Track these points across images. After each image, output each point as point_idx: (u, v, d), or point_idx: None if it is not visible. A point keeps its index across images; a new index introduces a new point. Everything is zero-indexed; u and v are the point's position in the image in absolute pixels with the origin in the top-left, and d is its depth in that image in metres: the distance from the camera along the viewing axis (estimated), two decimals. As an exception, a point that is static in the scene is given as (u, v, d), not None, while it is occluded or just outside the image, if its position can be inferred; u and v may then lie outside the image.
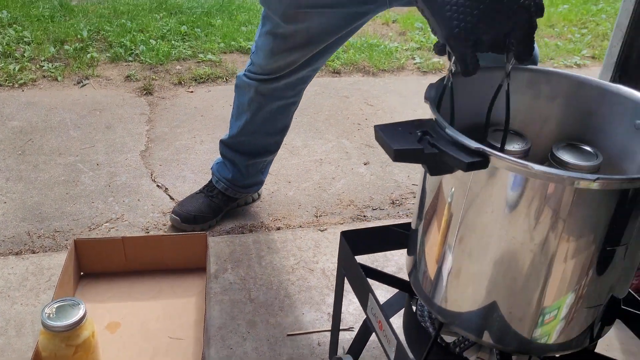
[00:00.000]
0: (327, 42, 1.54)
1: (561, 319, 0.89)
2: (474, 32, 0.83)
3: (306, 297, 1.59)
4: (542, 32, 4.19)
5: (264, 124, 1.76)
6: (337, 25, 1.49)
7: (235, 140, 1.81)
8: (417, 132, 0.84)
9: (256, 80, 1.66)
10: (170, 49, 3.32)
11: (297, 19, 1.47)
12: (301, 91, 1.75)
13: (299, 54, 1.55)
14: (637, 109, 0.97)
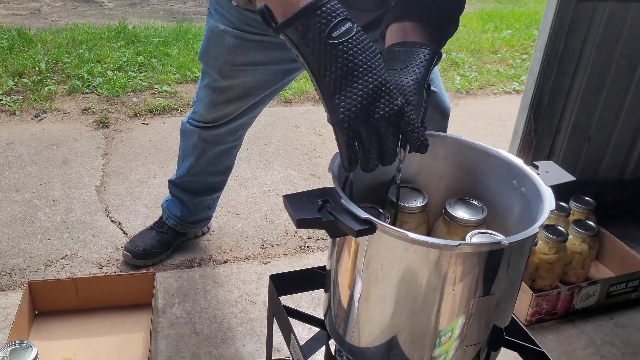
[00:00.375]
0: (262, 94, 1.68)
1: (452, 355, 1.05)
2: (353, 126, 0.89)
3: (247, 329, 1.73)
4: (485, 57, 4.42)
5: (208, 166, 1.89)
6: (270, 80, 1.64)
7: (182, 180, 1.94)
8: (319, 201, 0.99)
9: (199, 128, 1.80)
10: (126, 81, 3.43)
11: (233, 76, 1.60)
12: (242, 135, 1.89)
13: (236, 106, 1.70)
14: (513, 171, 1.14)
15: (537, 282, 1.91)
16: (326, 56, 0.88)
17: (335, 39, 0.87)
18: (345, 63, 0.88)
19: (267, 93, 1.69)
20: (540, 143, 2.16)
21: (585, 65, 2.05)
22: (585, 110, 2.16)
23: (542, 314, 1.81)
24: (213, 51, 1.57)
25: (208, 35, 1.57)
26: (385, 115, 0.90)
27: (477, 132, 3.28)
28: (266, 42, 1.53)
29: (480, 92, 3.86)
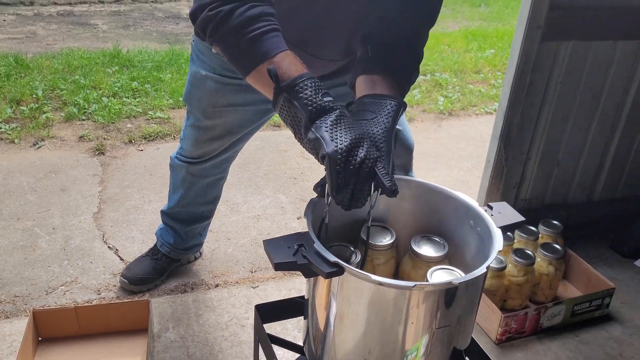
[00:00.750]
0: (244, 132, 1.82)
1: (416, 378, 1.18)
2: (343, 161, 1.01)
3: (237, 352, 1.85)
4: (468, 77, 4.58)
5: (197, 197, 2.03)
6: (250, 119, 1.77)
7: (173, 210, 2.08)
8: (295, 245, 1.12)
9: (186, 163, 1.93)
10: (121, 107, 3.56)
11: (215, 116, 1.74)
12: (227, 168, 2.03)
13: (219, 143, 1.83)
14: (470, 212, 1.27)
15: (508, 303, 2.04)
16: (320, 110, 1.04)
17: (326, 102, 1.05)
18: (334, 117, 1.04)
19: (248, 130, 1.83)
20: (511, 170, 2.30)
21: (551, 98, 2.20)
22: (553, 138, 2.31)
23: (512, 333, 1.94)
24: (196, 94, 1.71)
25: (191, 79, 1.71)
26: (365, 160, 1.04)
27: (459, 153, 3.42)
28: (244, 85, 1.66)
29: (463, 112, 4.01)
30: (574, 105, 2.25)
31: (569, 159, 2.40)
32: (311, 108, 1.03)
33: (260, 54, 1.09)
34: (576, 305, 2.00)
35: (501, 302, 2.03)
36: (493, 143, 2.24)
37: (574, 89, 2.21)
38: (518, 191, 2.40)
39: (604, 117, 2.33)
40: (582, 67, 2.16)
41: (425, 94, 4.22)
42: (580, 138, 2.36)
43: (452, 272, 1.19)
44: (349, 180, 1.06)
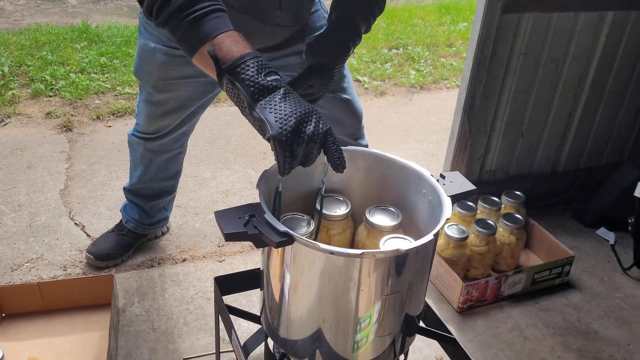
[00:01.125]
0: (197, 105, 1.81)
1: (370, 343, 1.20)
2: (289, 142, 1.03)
3: (202, 324, 1.87)
4: (441, 51, 4.58)
5: (157, 173, 2.02)
6: (202, 91, 1.76)
7: (135, 187, 2.07)
8: (246, 216, 1.13)
9: (143, 139, 1.92)
10: (89, 83, 3.51)
11: (167, 89, 1.72)
12: (185, 142, 2.02)
13: (173, 117, 1.82)
14: (422, 181, 1.29)
15: (470, 272, 2.08)
16: (264, 90, 1.03)
17: (270, 81, 1.04)
18: (280, 96, 1.03)
19: (201, 103, 1.82)
20: (475, 142, 2.32)
21: (514, 70, 2.21)
22: (517, 109, 2.33)
23: (473, 301, 1.98)
24: (146, 68, 1.69)
25: (140, 52, 1.69)
26: (313, 137, 1.05)
27: (429, 126, 3.44)
28: None
29: (434, 86, 4.03)
30: (536, 76, 2.27)
31: (533, 130, 2.43)
32: (253, 89, 1.02)
33: (202, 35, 1.08)
34: (536, 274, 2.05)
35: (464, 271, 2.07)
36: (457, 115, 2.26)
37: (536, 60, 2.23)
38: (483, 163, 2.42)
39: (567, 88, 2.36)
40: (543, 38, 2.18)
41: (397, 68, 4.22)
42: (544, 109, 2.39)
43: (405, 241, 1.21)
44: (296, 159, 1.07)
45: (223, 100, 3.51)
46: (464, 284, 1.92)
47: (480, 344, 1.88)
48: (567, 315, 2.02)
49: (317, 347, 1.20)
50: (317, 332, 1.19)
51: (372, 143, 3.18)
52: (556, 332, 1.94)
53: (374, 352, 1.22)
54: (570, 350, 1.88)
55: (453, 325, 1.94)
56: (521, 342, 1.90)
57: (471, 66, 2.11)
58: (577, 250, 2.33)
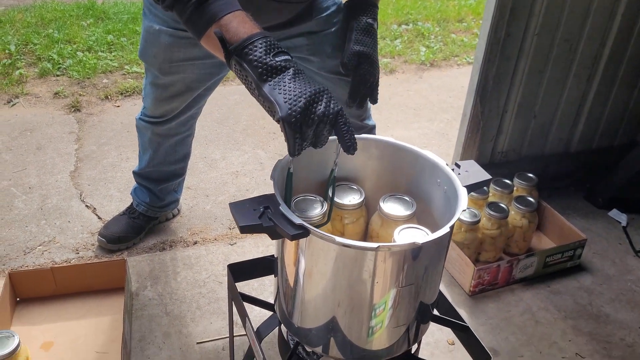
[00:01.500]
0: (204, 87, 1.79)
1: (384, 333, 1.20)
2: (299, 123, 1.03)
3: (214, 308, 1.88)
4: (451, 27, 4.52)
5: (166, 157, 2.02)
6: (209, 73, 1.74)
7: (145, 171, 2.07)
8: (260, 207, 1.13)
9: (151, 123, 1.91)
10: (96, 62, 3.49)
11: (172, 72, 1.70)
12: (193, 125, 2.01)
13: (180, 100, 1.81)
14: (437, 171, 1.28)
15: (482, 255, 2.08)
16: (272, 70, 1.01)
17: (279, 61, 1.03)
18: (289, 76, 1.02)
19: (207, 85, 1.80)
20: (487, 123, 2.30)
21: (527, 51, 2.18)
22: (530, 90, 2.30)
23: (484, 285, 1.98)
24: (151, 50, 1.67)
25: (145, 35, 1.67)
26: (322, 117, 1.03)
27: (439, 105, 3.41)
28: None
29: (444, 63, 3.98)
30: (550, 57, 2.24)
31: (545, 111, 2.40)
32: (261, 70, 1.01)
33: (208, 17, 1.07)
34: (548, 257, 2.04)
35: (475, 254, 2.07)
36: (469, 97, 2.23)
37: (550, 40, 2.19)
38: (495, 144, 2.40)
39: (581, 68, 2.32)
40: (558, 18, 2.14)
41: (406, 44, 4.17)
42: (557, 90, 2.36)
43: (420, 231, 1.20)
44: (306, 140, 1.06)
45: (232, 79, 3.48)
46: (475, 268, 1.92)
47: (492, 328, 1.88)
48: (578, 299, 2.02)
49: (332, 335, 1.21)
50: (332, 321, 1.19)
51: (382, 122, 3.16)
52: (567, 315, 1.95)
53: (388, 341, 1.22)
54: (582, 334, 1.88)
55: (465, 309, 1.94)
56: (532, 325, 1.90)
57: (484, 47, 2.07)
58: (589, 232, 2.32)
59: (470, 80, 2.22)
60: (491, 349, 1.79)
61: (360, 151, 1.35)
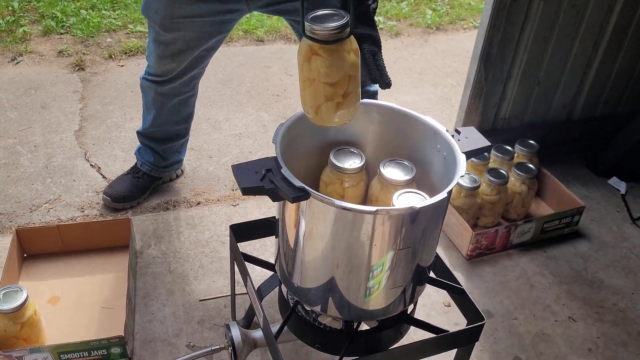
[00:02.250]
0: (205, 46, 1.80)
1: (381, 294, 1.24)
2: None
3: (217, 267, 1.92)
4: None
5: (170, 116, 2.04)
6: (209, 31, 1.76)
7: (149, 131, 2.09)
8: (262, 170, 1.15)
9: (154, 82, 1.93)
10: (100, 20, 3.47)
11: (174, 28, 1.72)
12: (196, 85, 2.02)
13: (181, 59, 1.82)
14: (437, 137, 1.29)
15: (481, 220, 2.11)
16: None
17: None
18: None
19: (208, 45, 1.81)
20: (491, 89, 2.30)
21: (533, 16, 2.16)
22: (534, 57, 2.29)
23: (482, 249, 2.02)
24: (152, 5, 1.70)
25: None
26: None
27: (444, 69, 3.40)
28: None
29: (450, 27, 3.94)
30: (556, 23, 2.22)
31: (550, 78, 2.39)
32: None
33: None
34: (546, 223, 2.07)
35: (474, 219, 2.10)
36: (473, 62, 2.23)
37: (556, 6, 2.17)
38: (498, 110, 2.41)
39: (587, 35, 2.31)
40: (566, -17, 2.12)
41: (412, 7, 4.12)
42: (562, 56, 2.35)
43: (418, 196, 1.23)
44: None
45: (236, 40, 3.47)
46: (473, 232, 1.95)
47: (487, 291, 1.92)
48: (574, 264, 2.06)
49: (330, 295, 1.24)
50: (330, 281, 1.23)
51: (386, 86, 3.15)
52: (562, 280, 1.98)
53: (384, 301, 1.26)
54: (576, 299, 1.92)
55: (461, 272, 1.98)
56: (527, 289, 1.94)
57: (490, 12, 2.06)
58: (588, 200, 2.34)
59: (474, 46, 2.21)
60: (485, 311, 1.83)
61: (362, 115, 1.38)
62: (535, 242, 2.11)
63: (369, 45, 1.29)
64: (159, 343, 1.67)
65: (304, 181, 1.09)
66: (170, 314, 1.76)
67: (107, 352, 1.54)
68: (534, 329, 1.81)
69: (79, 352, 1.52)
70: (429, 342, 1.31)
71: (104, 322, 1.69)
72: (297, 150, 1.29)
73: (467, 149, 1.26)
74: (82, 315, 1.71)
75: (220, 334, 1.70)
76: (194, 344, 1.67)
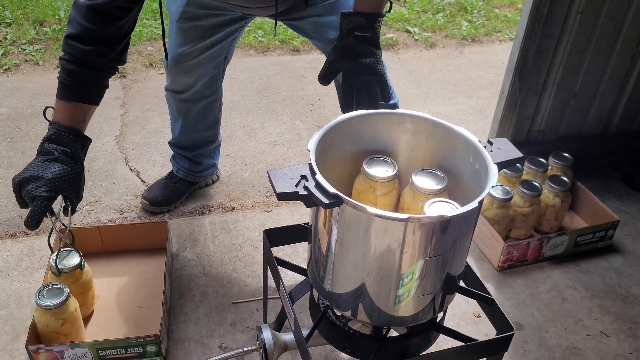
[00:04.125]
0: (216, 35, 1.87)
1: (410, 301, 1.26)
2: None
3: (250, 271, 1.97)
4: (496, 1, 4.45)
5: (197, 124, 2.11)
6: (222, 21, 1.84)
7: (178, 140, 2.17)
8: (297, 176, 1.18)
9: (174, 92, 2.02)
10: (142, 29, 3.57)
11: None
12: (217, 88, 2.08)
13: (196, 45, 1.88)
14: (469, 147, 1.31)
15: (513, 232, 2.11)
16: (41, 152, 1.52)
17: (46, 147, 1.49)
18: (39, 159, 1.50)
19: (220, 34, 1.87)
20: (525, 101, 2.30)
21: (570, 29, 2.16)
22: (570, 69, 2.29)
23: (513, 261, 2.02)
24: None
25: None
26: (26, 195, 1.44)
27: (478, 81, 3.40)
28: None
29: (486, 38, 3.94)
30: (593, 36, 2.21)
31: (586, 91, 2.38)
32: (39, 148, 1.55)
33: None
34: (579, 236, 2.06)
35: (506, 231, 2.10)
36: (508, 74, 2.23)
37: (594, 19, 2.16)
38: (532, 122, 2.40)
39: (625, 48, 2.29)
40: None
41: (448, 19, 4.13)
42: (599, 69, 2.33)
43: (449, 205, 1.25)
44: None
45: (272, 50, 3.53)
46: (505, 244, 1.95)
47: (518, 303, 1.92)
48: (607, 279, 2.04)
49: (360, 301, 1.27)
50: (361, 287, 1.25)
51: (420, 97, 3.18)
52: (595, 294, 1.97)
53: (414, 309, 1.28)
54: (608, 313, 1.90)
55: (492, 283, 1.98)
56: (559, 302, 1.93)
57: (525, 24, 2.07)
58: (623, 214, 2.31)
59: (509, 57, 2.22)
60: (516, 323, 1.83)
61: (395, 125, 1.41)
62: (568, 256, 2.10)
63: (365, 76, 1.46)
64: (192, 343, 1.72)
65: (337, 188, 1.12)
66: (204, 316, 1.80)
67: (142, 349, 1.59)
68: (564, 342, 1.80)
69: (116, 349, 1.57)
70: (458, 350, 1.32)
71: (140, 321, 1.75)
72: (330, 158, 1.32)
73: (499, 159, 1.27)
74: (120, 314, 1.77)
75: (252, 337, 1.74)
76: (226, 345, 1.71)
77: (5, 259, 1.98)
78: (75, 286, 1.65)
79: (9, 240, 2.06)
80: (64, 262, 1.66)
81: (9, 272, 1.92)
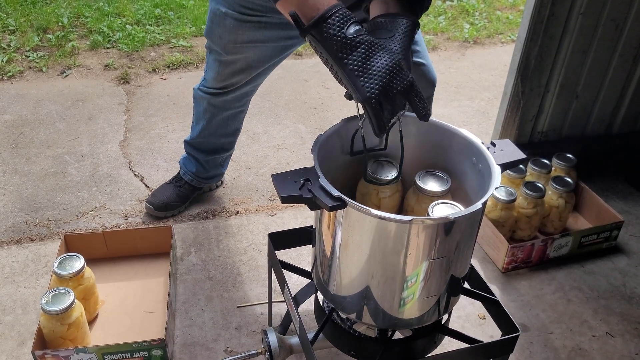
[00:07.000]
0: (263, 67, 1.86)
1: (415, 303, 1.26)
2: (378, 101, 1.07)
3: (254, 275, 1.97)
4: (497, 3, 4.46)
5: (218, 129, 2.10)
6: (269, 55, 1.81)
7: (196, 141, 2.16)
8: (301, 179, 1.19)
9: (208, 94, 1.99)
10: (145, 35, 3.59)
11: (236, 52, 1.79)
12: (247, 102, 2.08)
13: (240, 77, 1.88)
14: (472, 149, 1.31)
15: (517, 233, 2.11)
16: (347, 48, 1.06)
17: (352, 34, 1.07)
18: (363, 52, 1.07)
19: (267, 65, 1.87)
20: (528, 103, 2.30)
21: (572, 30, 2.16)
22: (573, 70, 2.29)
23: (518, 263, 2.01)
24: (217, 31, 1.75)
25: (211, 16, 1.75)
26: (401, 90, 1.10)
27: (481, 83, 3.40)
28: (263, 22, 1.70)
29: (488, 41, 3.94)
30: (595, 37, 2.22)
31: (588, 92, 2.38)
32: (336, 48, 1.06)
33: None
34: (583, 237, 2.06)
35: (510, 232, 2.10)
36: (510, 76, 2.24)
37: (595, 20, 2.17)
38: (535, 124, 2.41)
39: (627, 48, 2.30)
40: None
41: (450, 21, 4.14)
42: (601, 70, 2.34)
43: (453, 207, 1.25)
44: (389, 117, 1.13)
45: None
46: (509, 246, 1.95)
47: (523, 304, 1.92)
48: (612, 279, 2.03)
49: (365, 303, 1.27)
50: (365, 290, 1.25)
51: (423, 100, 3.17)
52: (600, 295, 1.97)
53: (419, 311, 1.28)
54: (614, 314, 1.90)
55: (497, 285, 1.98)
56: (564, 303, 1.93)
57: (527, 26, 2.07)
58: (627, 214, 2.31)
59: (512, 59, 2.23)
60: (521, 324, 1.83)
61: (398, 127, 1.40)
62: (572, 257, 2.10)
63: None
64: (197, 347, 1.72)
65: (341, 191, 1.13)
66: (209, 320, 1.81)
67: (148, 354, 1.59)
68: (570, 343, 1.79)
69: (121, 353, 1.57)
70: (463, 352, 1.32)
71: (145, 325, 1.75)
72: (334, 161, 1.32)
73: (502, 161, 1.27)
74: (125, 318, 1.77)
75: (257, 341, 1.74)
76: (232, 349, 1.71)
77: (11, 265, 1.99)
78: (77, 292, 1.65)
79: (15, 247, 2.07)
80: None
81: (14, 278, 1.93)
